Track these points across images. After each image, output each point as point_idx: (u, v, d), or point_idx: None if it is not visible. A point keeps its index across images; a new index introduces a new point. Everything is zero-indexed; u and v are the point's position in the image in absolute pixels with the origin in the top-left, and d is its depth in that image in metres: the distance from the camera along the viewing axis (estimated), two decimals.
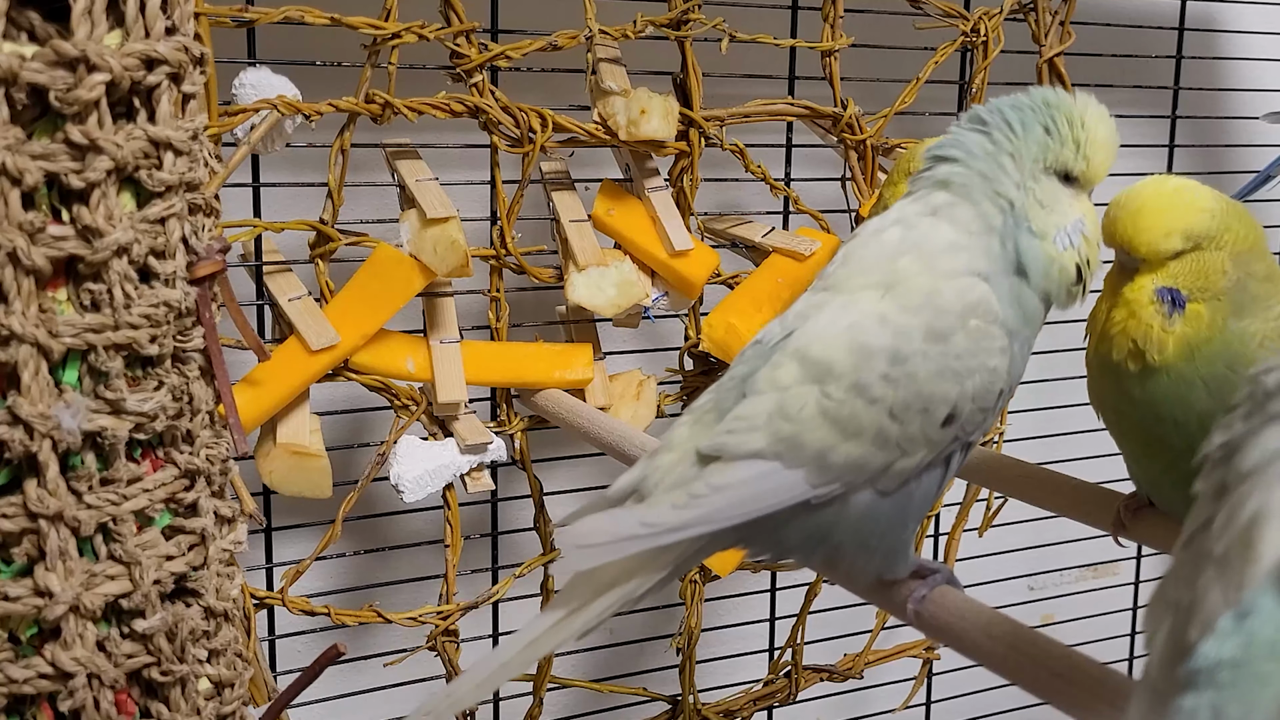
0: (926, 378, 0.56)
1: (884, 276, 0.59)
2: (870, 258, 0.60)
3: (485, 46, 0.91)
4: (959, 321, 0.57)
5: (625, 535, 0.54)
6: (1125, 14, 1.26)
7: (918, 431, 0.56)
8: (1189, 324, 0.65)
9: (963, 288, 0.58)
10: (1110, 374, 0.68)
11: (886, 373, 0.56)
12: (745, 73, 1.06)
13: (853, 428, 0.56)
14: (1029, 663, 0.56)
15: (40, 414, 0.53)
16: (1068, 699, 0.54)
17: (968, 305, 0.57)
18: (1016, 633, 0.57)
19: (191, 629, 0.60)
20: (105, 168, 0.53)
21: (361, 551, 1.05)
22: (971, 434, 0.59)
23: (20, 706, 0.56)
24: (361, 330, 0.90)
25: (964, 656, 0.60)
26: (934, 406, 0.56)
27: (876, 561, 0.61)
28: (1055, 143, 0.60)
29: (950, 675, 1.27)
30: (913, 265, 0.58)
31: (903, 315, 0.57)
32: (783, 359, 0.58)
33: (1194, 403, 0.65)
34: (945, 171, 0.61)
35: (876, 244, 0.60)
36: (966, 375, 0.57)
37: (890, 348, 0.56)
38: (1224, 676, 0.35)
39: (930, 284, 0.58)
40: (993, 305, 0.58)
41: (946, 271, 0.58)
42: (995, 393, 0.58)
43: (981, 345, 0.57)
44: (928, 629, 0.63)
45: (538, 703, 1.05)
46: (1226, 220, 0.65)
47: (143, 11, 0.55)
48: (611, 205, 0.99)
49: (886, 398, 0.56)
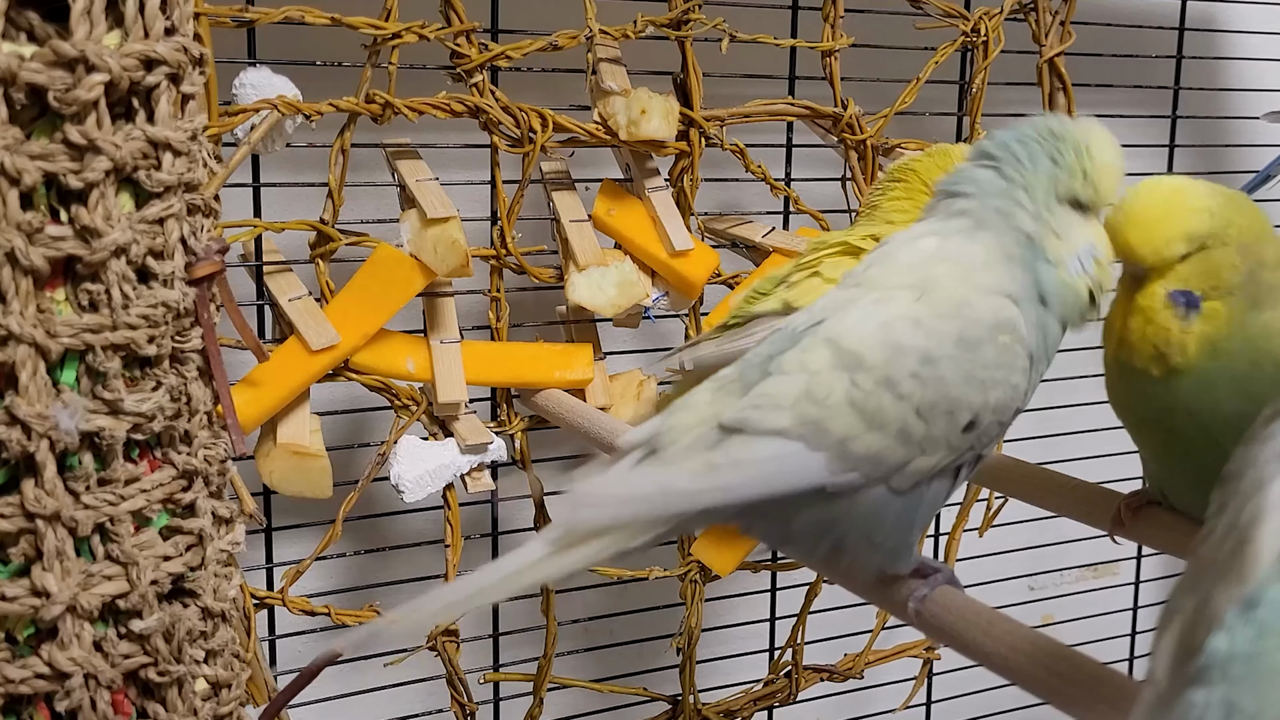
0: (954, 382, 0.57)
1: (919, 280, 0.59)
2: (904, 261, 0.61)
3: (485, 46, 0.91)
4: (990, 335, 0.58)
5: (639, 495, 0.55)
6: (1125, 14, 1.25)
7: (940, 433, 0.57)
8: (1208, 322, 0.64)
9: (996, 305, 0.59)
10: (1132, 378, 0.67)
11: (916, 371, 0.57)
12: (745, 73, 1.06)
13: (878, 420, 0.56)
14: (1029, 663, 0.56)
15: (38, 414, 0.53)
16: (1068, 699, 0.54)
17: (999, 321, 0.58)
18: (1016, 633, 0.57)
19: (189, 629, 0.60)
20: (104, 168, 0.53)
21: (361, 551, 1.05)
22: (985, 446, 0.60)
23: (17, 706, 0.56)
24: (362, 330, 0.90)
25: (964, 656, 0.60)
26: (958, 411, 0.57)
27: (880, 558, 0.61)
28: (1064, 173, 0.61)
29: (950, 675, 1.27)
30: (949, 274, 0.59)
31: (936, 320, 0.58)
32: (814, 344, 0.58)
33: (1218, 401, 0.64)
34: (961, 205, 0.62)
35: (911, 250, 0.61)
36: (991, 386, 0.58)
37: (923, 348, 0.57)
38: (1236, 670, 0.34)
39: (964, 295, 0.59)
40: (1021, 327, 0.59)
41: (981, 287, 0.59)
42: (1012, 410, 0.60)
43: (1007, 361, 0.58)
44: (928, 628, 0.63)
45: (538, 703, 1.05)
46: (1227, 215, 0.65)
47: (142, 12, 0.55)
48: (611, 205, 0.99)
49: (914, 395, 0.57)
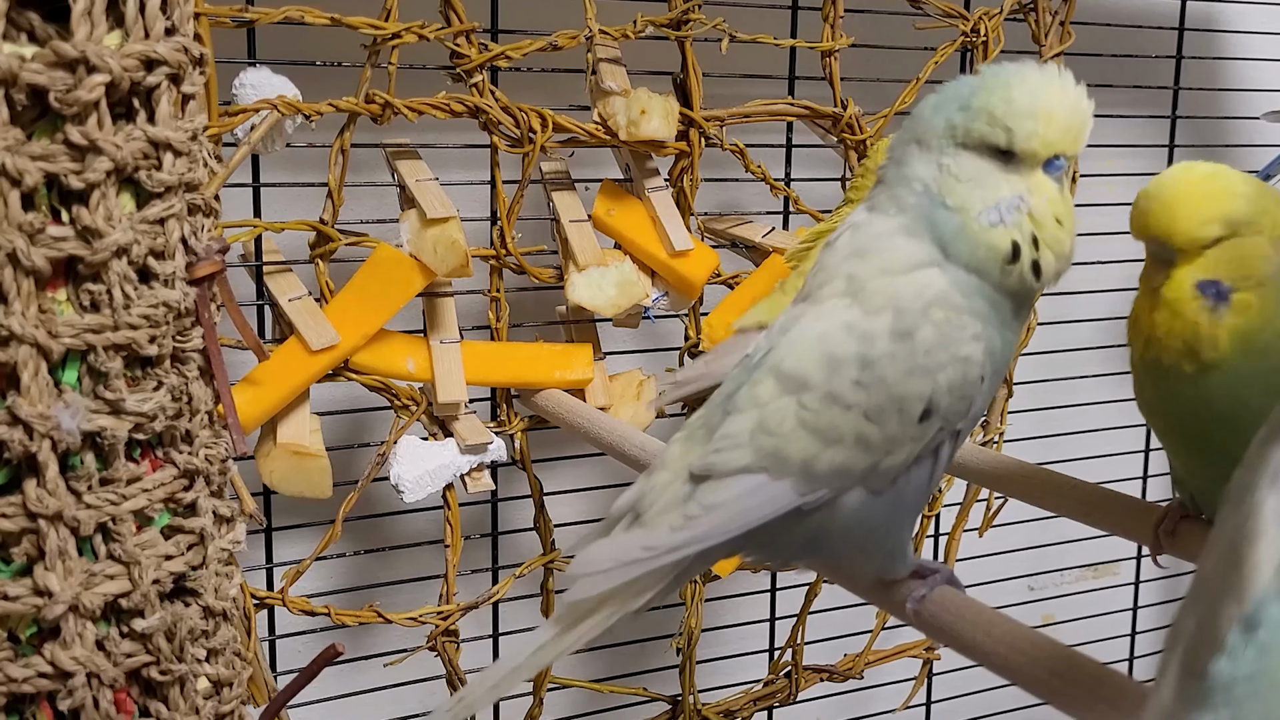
0: (896, 378, 0.56)
1: (847, 281, 0.59)
2: (831, 265, 0.60)
3: (485, 46, 0.91)
4: (922, 317, 0.56)
5: (628, 560, 0.56)
6: (1125, 14, 1.26)
7: (896, 430, 0.57)
8: (1239, 315, 0.61)
9: (921, 283, 0.57)
10: (1161, 378, 0.65)
11: (857, 379, 0.56)
12: (745, 73, 1.06)
13: (833, 435, 0.56)
14: (1029, 663, 0.56)
15: (40, 414, 0.53)
16: (1067, 699, 0.54)
17: (928, 300, 0.57)
18: (1016, 632, 0.57)
19: (190, 628, 0.60)
20: (105, 168, 0.53)
21: (361, 551, 1.05)
22: (957, 424, 0.59)
23: (20, 705, 0.56)
24: (361, 330, 0.90)
25: (964, 656, 0.60)
26: (908, 405, 0.56)
27: (875, 562, 0.62)
28: (965, 116, 0.58)
29: (950, 675, 1.27)
30: (869, 266, 0.58)
31: (867, 320, 0.57)
32: (761, 375, 0.58)
33: (1250, 400, 0.62)
34: (880, 184, 0.61)
35: (832, 252, 0.61)
36: (938, 369, 0.57)
37: (857, 354, 0.57)
38: (1240, 691, 0.34)
39: (889, 284, 0.57)
40: (954, 296, 0.57)
41: (901, 266, 0.58)
42: (975, 380, 0.57)
43: (950, 336, 0.57)
44: (927, 629, 0.63)
45: (538, 703, 1.05)
46: (1263, 203, 0.62)
47: (142, 12, 0.55)
48: (611, 205, 0.99)
49: (860, 403, 0.56)
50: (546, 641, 0.58)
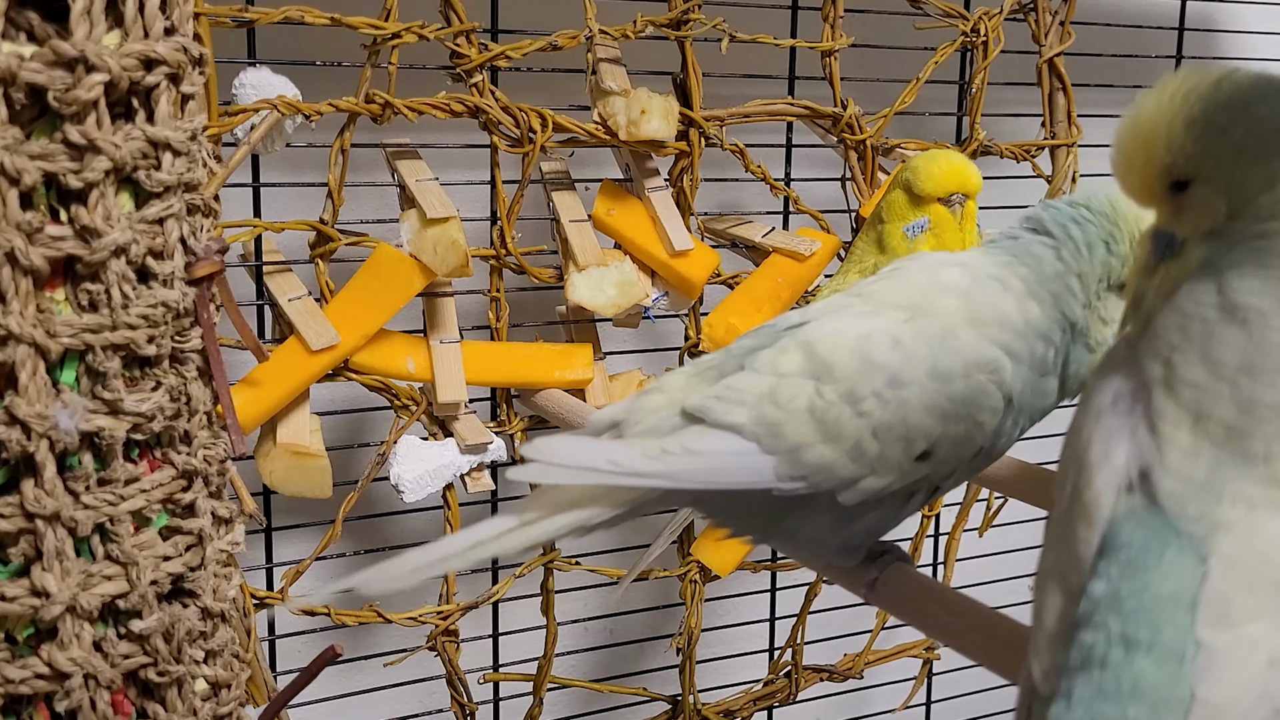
0: (916, 409, 0.57)
1: (918, 302, 0.59)
2: (914, 283, 0.60)
3: (485, 46, 0.91)
4: (965, 370, 0.57)
5: (589, 465, 0.55)
6: (1125, 14, 1.25)
7: (893, 456, 0.57)
8: None
9: (981, 346, 0.58)
10: None
11: (880, 391, 0.56)
12: (745, 73, 1.06)
13: (834, 432, 0.56)
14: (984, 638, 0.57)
15: (38, 414, 0.53)
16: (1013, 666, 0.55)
17: (980, 360, 0.58)
18: (973, 609, 0.58)
19: (188, 630, 0.60)
20: (103, 168, 0.53)
21: (361, 551, 1.04)
22: (942, 479, 0.60)
23: (17, 707, 0.56)
24: (361, 330, 0.90)
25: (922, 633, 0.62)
26: (914, 438, 0.57)
27: (828, 553, 0.62)
28: (1116, 261, 0.61)
29: (950, 675, 1.27)
30: (952, 306, 0.59)
31: (915, 343, 0.57)
32: (790, 345, 0.58)
33: None
34: (1015, 269, 0.61)
35: (929, 275, 0.61)
36: (954, 420, 0.57)
37: (894, 369, 0.57)
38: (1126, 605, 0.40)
39: (955, 327, 0.58)
40: (1005, 370, 0.58)
41: (977, 325, 0.58)
42: (975, 447, 0.59)
43: (978, 400, 0.57)
44: (885, 606, 0.64)
45: (538, 702, 1.05)
46: None
47: (141, 12, 0.55)
48: (611, 205, 0.99)
49: (873, 414, 0.56)
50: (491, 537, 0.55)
